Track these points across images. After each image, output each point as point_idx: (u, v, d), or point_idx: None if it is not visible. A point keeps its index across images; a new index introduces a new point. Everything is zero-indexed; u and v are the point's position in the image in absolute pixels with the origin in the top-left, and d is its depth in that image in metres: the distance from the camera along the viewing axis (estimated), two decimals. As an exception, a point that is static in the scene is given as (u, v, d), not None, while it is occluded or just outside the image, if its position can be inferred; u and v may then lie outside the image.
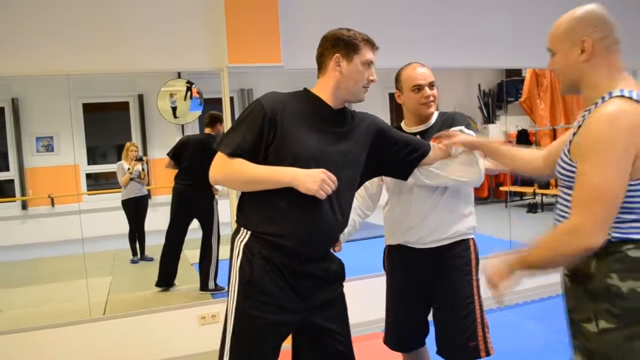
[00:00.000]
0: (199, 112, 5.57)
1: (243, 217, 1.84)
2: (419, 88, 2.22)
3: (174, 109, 5.44)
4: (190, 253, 4.79)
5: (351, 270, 2.10)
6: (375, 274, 3.34)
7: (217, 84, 3.65)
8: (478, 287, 2.19)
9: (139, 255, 5.19)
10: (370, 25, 4.00)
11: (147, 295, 4.43)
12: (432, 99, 2.22)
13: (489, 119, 7.82)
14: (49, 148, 5.77)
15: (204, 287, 4.46)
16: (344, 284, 1.99)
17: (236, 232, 1.84)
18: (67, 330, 3.39)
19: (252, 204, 1.82)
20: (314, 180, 1.68)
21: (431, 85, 2.23)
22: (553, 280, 4.36)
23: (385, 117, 5.89)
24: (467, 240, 2.24)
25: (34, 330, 3.34)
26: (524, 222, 6.35)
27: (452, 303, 2.19)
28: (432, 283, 2.24)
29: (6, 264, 5.17)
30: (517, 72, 7.30)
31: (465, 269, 2.21)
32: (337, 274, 1.92)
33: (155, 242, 5.43)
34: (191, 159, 4.51)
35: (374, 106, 2.52)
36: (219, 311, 3.62)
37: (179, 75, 5.20)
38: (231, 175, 1.78)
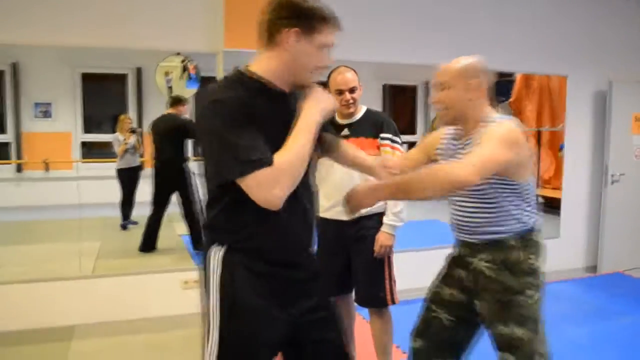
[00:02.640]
0: (194, 89, 5.73)
1: (215, 232, 1.58)
2: (340, 92, 2.61)
3: (170, 89, 5.62)
4: (179, 225, 5.01)
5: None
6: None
7: (213, 61, 3.82)
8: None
9: (126, 220, 5.42)
10: (365, 19, 4.20)
11: (134, 260, 4.64)
12: (351, 101, 2.63)
13: (480, 117, 8.00)
14: (47, 114, 5.88)
15: (197, 245, 4.71)
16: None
17: (207, 251, 1.57)
18: (57, 284, 3.61)
19: (226, 216, 1.54)
20: (328, 98, 1.60)
21: (351, 90, 2.62)
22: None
23: (378, 108, 6.10)
24: (379, 213, 2.67)
25: (27, 283, 3.57)
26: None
27: (366, 264, 2.68)
28: (349, 247, 2.71)
29: (0, 223, 5.34)
30: (509, 73, 7.48)
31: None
32: (319, 273, 1.74)
33: (147, 212, 5.65)
34: (155, 138, 4.89)
35: (368, 97, 2.79)
36: (201, 277, 3.85)
37: (178, 53, 5.35)
38: (292, 173, 1.45)
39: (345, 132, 2.66)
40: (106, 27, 3.55)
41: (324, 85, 2.64)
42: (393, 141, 2.66)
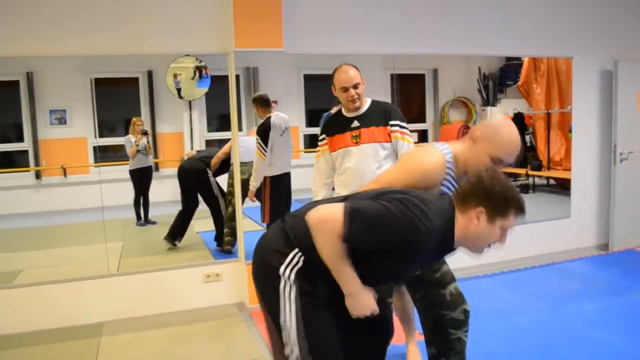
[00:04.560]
0: (206, 89, 5.84)
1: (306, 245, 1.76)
2: (345, 89, 2.79)
3: (179, 90, 5.74)
4: (197, 223, 5.15)
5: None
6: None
7: (223, 61, 3.90)
8: None
9: (143, 220, 5.58)
10: (371, 12, 4.28)
11: (156, 258, 4.77)
12: (355, 97, 2.82)
13: (489, 101, 8.04)
14: (62, 121, 5.99)
15: (220, 244, 4.88)
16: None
17: (282, 256, 1.79)
18: (85, 284, 3.76)
19: None
20: (361, 309, 1.76)
21: (355, 86, 2.81)
22: (522, 255, 4.71)
23: (386, 97, 6.19)
24: None
25: (56, 284, 3.72)
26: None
27: None
28: None
29: (22, 230, 5.49)
30: (517, 57, 7.50)
31: None
32: None
33: (162, 212, 5.77)
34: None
35: (376, 87, 2.91)
36: (223, 270, 3.99)
37: (188, 54, 5.44)
38: (329, 249, 1.67)
39: (355, 124, 2.84)
40: (118, 35, 3.66)
41: (332, 79, 2.85)
42: (402, 127, 2.84)
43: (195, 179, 5.08)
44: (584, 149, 5.19)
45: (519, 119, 7.68)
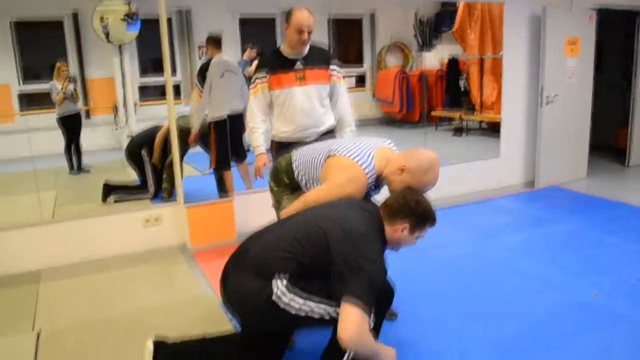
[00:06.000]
0: (136, 33, 5.64)
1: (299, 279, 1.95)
2: (301, 31, 2.87)
3: (107, 34, 5.53)
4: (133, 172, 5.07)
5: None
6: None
7: (154, 3, 3.76)
8: None
9: (76, 168, 5.44)
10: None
11: (92, 205, 4.68)
12: (307, 41, 2.94)
13: (425, 47, 8.16)
14: None
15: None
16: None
17: (265, 288, 1.93)
18: (19, 232, 3.65)
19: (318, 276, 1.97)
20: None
21: (309, 32, 2.92)
22: (456, 193, 4.91)
23: (324, 40, 6.17)
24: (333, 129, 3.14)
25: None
26: (449, 144, 7.00)
27: None
28: None
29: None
30: (453, 2, 7.60)
31: None
32: None
33: (96, 160, 5.62)
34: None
35: (314, 32, 2.93)
36: (162, 214, 3.97)
37: (115, -5, 5.22)
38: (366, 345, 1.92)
39: (299, 65, 2.96)
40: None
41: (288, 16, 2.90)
42: (339, 71, 3.09)
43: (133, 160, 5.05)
44: (513, 93, 5.40)
45: (453, 64, 7.86)
